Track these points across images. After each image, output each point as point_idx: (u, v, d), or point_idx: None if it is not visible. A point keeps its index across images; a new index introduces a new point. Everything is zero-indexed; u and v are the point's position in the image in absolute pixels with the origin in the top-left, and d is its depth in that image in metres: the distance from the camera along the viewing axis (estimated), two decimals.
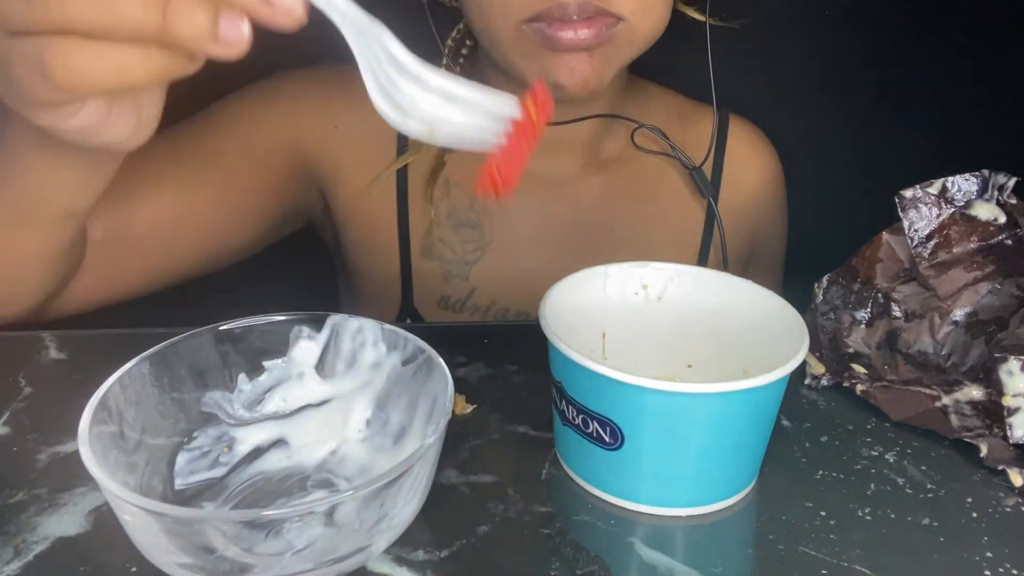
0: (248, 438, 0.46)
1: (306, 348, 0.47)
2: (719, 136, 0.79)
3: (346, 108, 0.72)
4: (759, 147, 0.81)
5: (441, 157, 0.74)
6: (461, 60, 0.75)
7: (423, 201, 0.74)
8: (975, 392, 0.49)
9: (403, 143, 0.74)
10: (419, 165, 0.75)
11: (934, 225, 0.54)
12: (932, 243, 0.54)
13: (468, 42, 0.76)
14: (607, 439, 0.42)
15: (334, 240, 0.80)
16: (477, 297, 0.75)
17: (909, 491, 0.45)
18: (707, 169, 0.77)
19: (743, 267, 0.82)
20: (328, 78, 0.74)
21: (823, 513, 0.43)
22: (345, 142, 0.73)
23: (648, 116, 0.76)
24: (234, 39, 0.35)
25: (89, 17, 0.33)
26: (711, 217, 0.76)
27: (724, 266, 0.73)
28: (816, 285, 0.57)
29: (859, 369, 0.53)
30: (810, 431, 0.49)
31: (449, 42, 0.74)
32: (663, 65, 0.78)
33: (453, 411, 0.47)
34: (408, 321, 0.75)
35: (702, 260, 0.78)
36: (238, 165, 0.70)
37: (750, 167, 0.80)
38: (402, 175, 0.75)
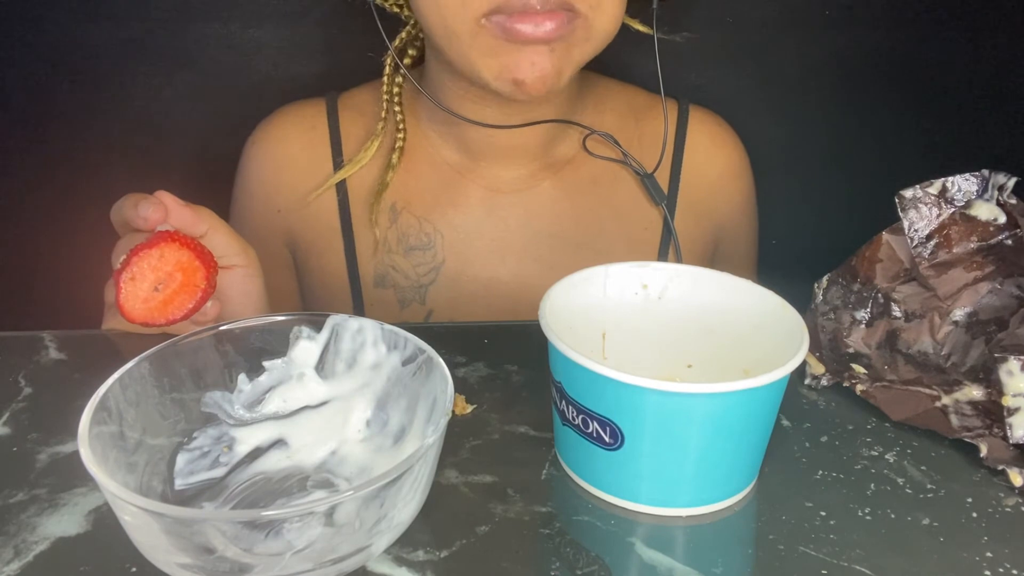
0: (248, 438, 0.46)
1: (306, 348, 0.47)
2: (678, 129, 0.77)
3: (287, 192, 0.76)
4: (719, 139, 0.79)
5: (383, 178, 0.73)
6: (402, 70, 0.74)
7: (368, 231, 0.74)
8: (975, 392, 0.49)
9: (343, 195, 0.75)
10: (359, 196, 0.75)
11: (934, 225, 0.54)
12: (932, 243, 0.54)
13: (411, 51, 0.75)
14: (607, 439, 0.42)
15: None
16: (435, 319, 0.74)
17: (909, 491, 0.45)
18: (666, 165, 0.76)
19: (707, 264, 0.80)
20: (267, 164, 0.77)
21: (823, 513, 0.43)
22: (288, 214, 0.77)
23: (603, 116, 0.75)
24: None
25: None
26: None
27: None
28: (816, 285, 0.57)
29: (859, 369, 0.53)
30: (810, 431, 0.49)
31: (391, 50, 0.73)
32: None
33: (453, 411, 0.47)
34: None
35: (661, 259, 0.76)
36: (272, 251, 0.78)
37: (711, 159, 0.78)
38: (345, 211, 0.75)
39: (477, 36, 0.61)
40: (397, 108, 0.74)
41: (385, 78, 0.74)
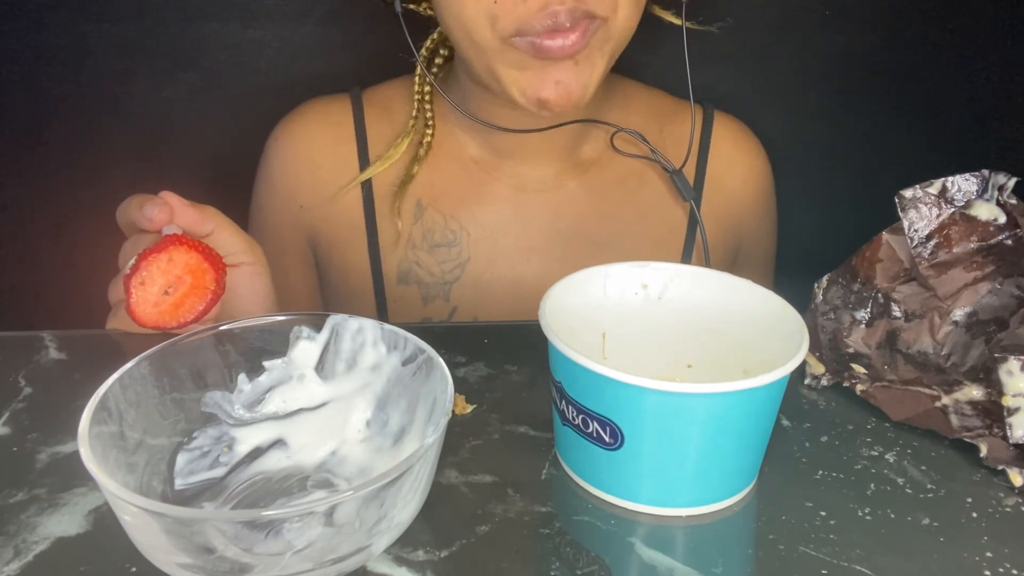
0: (248, 438, 0.46)
1: (306, 349, 0.47)
2: (703, 134, 0.78)
3: (311, 188, 0.76)
4: (743, 145, 0.80)
5: (410, 170, 0.73)
6: (435, 69, 0.74)
7: (392, 228, 0.74)
8: (975, 392, 0.49)
9: (367, 191, 0.75)
10: (383, 193, 0.74)
11: (934, 225, 0.54)
12: (932, 243, 0.54)
13: (442, 51, 0.75)
14: (607, 439, 0.42)
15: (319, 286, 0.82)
16: (458, 315, 0.75)
17: (909, 491, 0.45)
18: (690, 169, 0.76)
19: (729, 267, 0.80)
20: (291, 158, 0.77)
21: (823, 513, 0.43)
22: (311, 210, 0.77)
23: (629, 117, 0.75)
24: None
25: None
26: (694, 218, 0.75)
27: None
28: (816, 285, 0.57)
29: (859, 369, 0.53)
30: (810, 431, 0.49)
31: (423, 51, 0.73)
32: (661, 64, 0.78)
33: (453, 411, 0.47)
34: None
35: (685, 261, 0.77)
36: (293, 247, 0.79)
37: (734, 166, 0.79)
38: (369, 207, 0.75)
39: (504, 52, 0.61)
40: (428, 106, 0.74)
41: (417, 78, 0.74)
